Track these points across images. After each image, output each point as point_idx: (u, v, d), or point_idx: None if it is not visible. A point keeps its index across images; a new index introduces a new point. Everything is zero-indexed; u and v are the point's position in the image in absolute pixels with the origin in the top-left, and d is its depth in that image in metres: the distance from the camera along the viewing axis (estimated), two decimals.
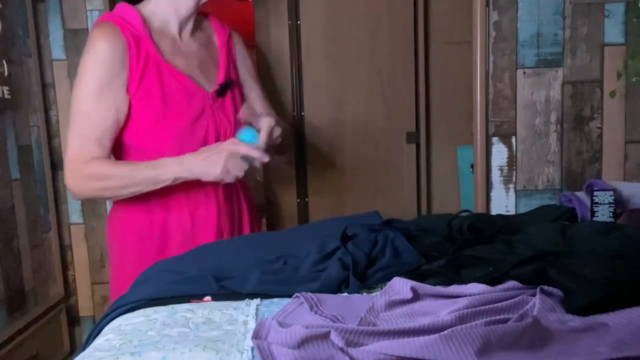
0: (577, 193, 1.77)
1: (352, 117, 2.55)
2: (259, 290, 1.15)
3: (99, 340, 1.02)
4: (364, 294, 1.15)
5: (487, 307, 0.95)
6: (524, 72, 1.94)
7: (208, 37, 1.75)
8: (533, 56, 1.93)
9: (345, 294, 1.13)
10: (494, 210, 1.98)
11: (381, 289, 1.12)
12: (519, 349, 0.83)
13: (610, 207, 1.58)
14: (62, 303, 2.29)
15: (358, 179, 2.58)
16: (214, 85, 1.66)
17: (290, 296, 1.08)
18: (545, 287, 1.01)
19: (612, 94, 1.93)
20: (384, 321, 0.97)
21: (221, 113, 1.65)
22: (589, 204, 1.61)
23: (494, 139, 1.97)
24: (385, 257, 1.25)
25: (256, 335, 0.89)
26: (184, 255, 1.45)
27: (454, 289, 1.05)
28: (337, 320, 0.96)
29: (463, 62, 2.25)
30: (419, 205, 2.65)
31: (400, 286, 1.06)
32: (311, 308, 1.01)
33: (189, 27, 1.68)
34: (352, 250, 1.26)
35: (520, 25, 1.92)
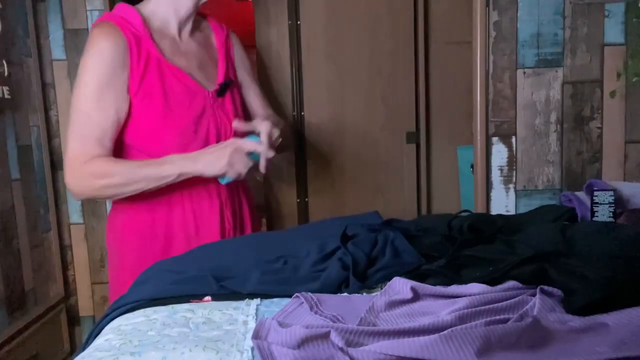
0: (577, 193, 1.77)
1: (352, 117, 2.55)
2: (259, 290, 1.15)
3: (99, 340, 1.02)
4: (364, 294, 1.15)
5: (487, 307, 0.95)
6: (524, 72, 1.94)
7: (206, 38, 1.75)
8: (533, 56, 1.93)
9: (345, 294, 1.13)
10: (494, 210, 1.98)
11: (381, 289, 1.12)
12: (519, 349, 0.83)
13: (610, 207, 1.58)
14: (62, 303, 2.29)
15: (358, 179, 2.58)
16: (214, 85, 1.67)
17: (290, 296, 1.08)
18: (545, 287, 1.02)
19: (612, 94, 1.93)
20: (384, 321, 0.97)
21: (221, 112, 1.65)
22: (589, 204, 1.61)
23: (494, 139, 1.97)
24: (385, 257, 1.25)
25: (256, 335, 0.89)
26: (184, 255, 1.45)
27: (454, 289, 1.05)
28: (337, 320, 0.96)
29: (463, 62, 2.25)
30: (419, 205, 2.65)
31: (400, 286, 1.06)
32: (311, 308, 1.01)
33: (188, 28, 1.68)
34: (352, 250, 1.26)
35: (520, 25, 1.92)
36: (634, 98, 1.93)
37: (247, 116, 1.80)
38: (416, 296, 1.04)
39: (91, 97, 1.52)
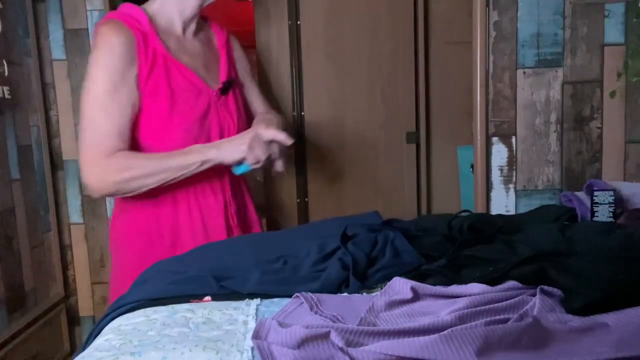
0: (577, 193, 1.77)
1: (352, 117, 2.55)
2: (259, 290, 1.15)
3: (99, 340, 1.02)
4: (364, 294, 1.15)
5: (487, 307, 0.95)
6: (524, 72, 1.94)
7: (209, 39, 1.77)
8: (533, 56, 1.93)
9: (345, 294, 1.13)
10: (494, 210, 1.98)
11: (381, 289, 1.12)
12: (519, 349, 0.83)
13: (610, 207, 1.58)
14: (62, 303, 2.29)
15: (358, 179, 2.58)
16: (217, 84, 1.68)
17: (290, 296, 1.08)
18: (545, 287, 1.02)
19: (612, 94, 1.92)
20: (384, 321, 0.97)
21: (225, 111, 1.67)
22: (589, 204, 1.61)
23: (494, 139, 1.97)
24: (385, 257, 1.25)
25: (256, 335, 0.89)
26: (184, 255, 1.45)
27: (454, 289, 1.05)
28: (337, 320, 0.96)
29: (463, 62, 2.25)
30: (419, 205, 2.65)
31: (400, 286, 1.06)
32: (311, 308, 1.01)
33: (192, 28, 1.70)
34: (352, 250, 1.26)
35: (520, 25, 1.92)
36: (634, 98, 1.93)
37: (248, 115, 1.81)
38: (416, 296, 1.04)
39: (106, 92, 1.51)
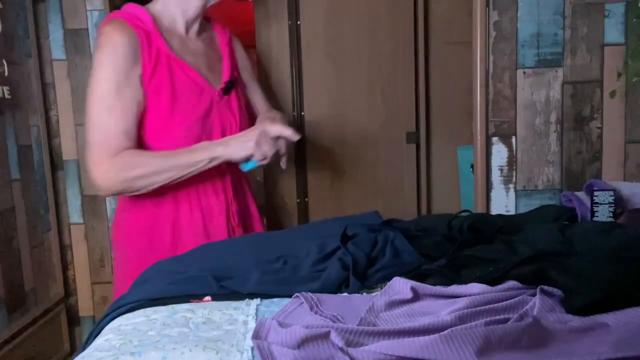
0: (577, 193, 1.77)
1: (352, 117, 2.55)
2: (259, 290, 1.15)
3: (99, 340, 1.02)
4: (364, 294, 1.15)
5: (487, 307, 0.95)
6: (524, 72, 1.93)
7: (211, 39, 1.78)
8: (533, 56, 1.93)
9: (345, 294, 1.13)
10: (494, 210, 1.98)
11: (381, 289, 1.12)
12: (519, 349, 0.83)
13: (610, 207, 1.58)
14: (62, 303, 2.29)
15: (358, 179, 2.58)
16: (220, 83, 1.69)
17: (290, 296, 1.08)
18: (545, 287, 1.02)
19: (612, 94, 1.92)
20: (384, 321, 0.97)
21: (227, 111, 1.68)
22: (589, 204, 1.61)
23: (494, 139, 1.97)
24: (385, 257, 1.25)
25: (256, 335, 0.89)
26: (184, 255, 1.45)
27: (454, 289, 1.05)
28: (337, 320, 0.96)
29: (463, 62, 2.25)
30: (419, 205, 2.64)
31: (400, 286, 1.06)
32: (311, 308, 1.01)
33: (195, 28, 1.71)
34: (352, 250, 1.26)
35: (520, 25, 1.92)
36: (634, 98, 1.93)
37: (250, 115, 1.82)
38: (416, 296, 1.04)
39: (112, 91, 1.52)
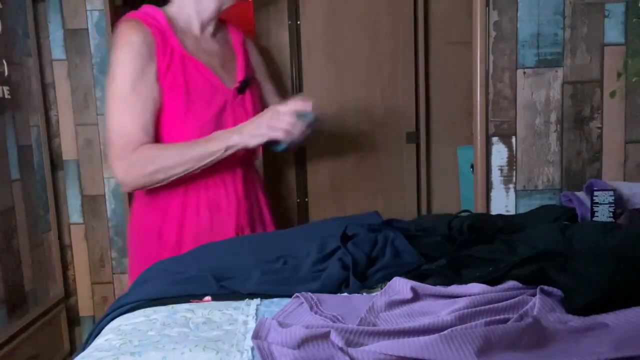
0: (577, 193, 1.77)
1: (352, 117, 2.55)
2: (259, 290, 1.15)
3: (99, 340, 1.02)
4: (364, 294, 1.15)
5: (487, 307, 0.95)
6: (524, 72, 1.93)
7: (226, 40, 1.80)
8: (533, 56, 1.93)
9: (345, 294, 1.13)
10: (494, 210, 1.98)
11: (381, 289, 1.12)
12: (519, 349, 0.83)
13: (610, 207, 1.58)
14: (62, 303, 2.29)
15: (358, 179, 2.58)
16: (234, 83, 1.71)
17: (290, 296, 1.08)
18: (545, 287, 1.02)
19: (612, 94, 1.92)
20: (384, 321, 0.97)
21: (241, 110, 1.69)
22: (589, 204, 1.61)
23: (494, 139, 1.97)
24: (385, 257, 1.25)
25: (256, 335, 0.89)
26: (184, 255, 1.45)
27: (454, 289, 1.05)
28: (337, 320, 0.96)
29: (463, 62, 2.25)
30: (419, 205, 2.64)
31: (400, 286, 1.06)
32: (311, 308, 1.01)
33: (210, 29, 1.74)
34: (352, 250, 1.26)
35: (520, 25, 1.92)
36: (634, 98, 1.93)
37: None
38: (416, 296, 1.04)
39: (129, 88, 1.55)
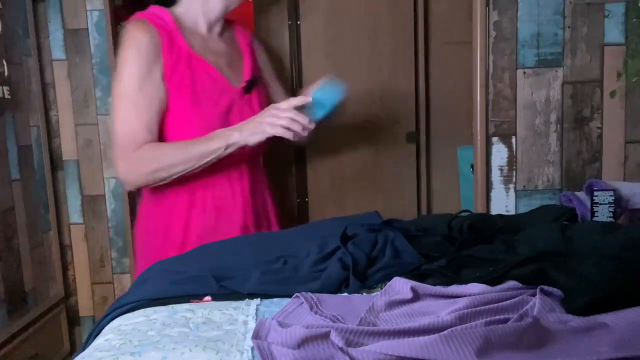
0: (577, 193, 1.77)
1: (352, 117, 2.55)
2: (259, 290, 1.15)
3: (99, 340, 1.02)
4: (364, 294, 1.15)
5: (487, 307, 0.95)
6: (524, 72, 1.93)
7: (233, 40, 1.81)
8: (533, 56, 1.93)
9: (345, 294, 1.13)
10: (494, 210, 1.97)
11: (381, 289, 1.12)
12: (519, 349, 0.83)
13: (610, 207, 1.58)
14: (62, 303, 2.29)
15: (358, 179, 2.58)
16: (241, 83, 1.71)
17: (290, 296, 1.08)
18: (545, 287, 1.02)
19: (612, 94, 1.92)
20: (384, 321, 0.97)
21: (248, 109, 1.69)
22: (589, 204, 1.61)
23: (494, 139, 1.97)
24: (385, 257, 1.25)
25: (256, 335, 0.89)
26: (184, 255, 1.45)
27: (454, 289, 1.05)
28: (337, 320, 0.96)
29: (463, 62, 2.25)
30: (419, 205, 2.64)
31: (400, 286, 1.06)
32: (311, 308, 1.01)
33: (217, 29, 1.75)
34: (352, 250, 1.26)
35: (520, 25, 1.91)
36: (634, 98, 1.93)
37: None
38: (416, 296, 1.04)
39: (135, 87, 1.56)
